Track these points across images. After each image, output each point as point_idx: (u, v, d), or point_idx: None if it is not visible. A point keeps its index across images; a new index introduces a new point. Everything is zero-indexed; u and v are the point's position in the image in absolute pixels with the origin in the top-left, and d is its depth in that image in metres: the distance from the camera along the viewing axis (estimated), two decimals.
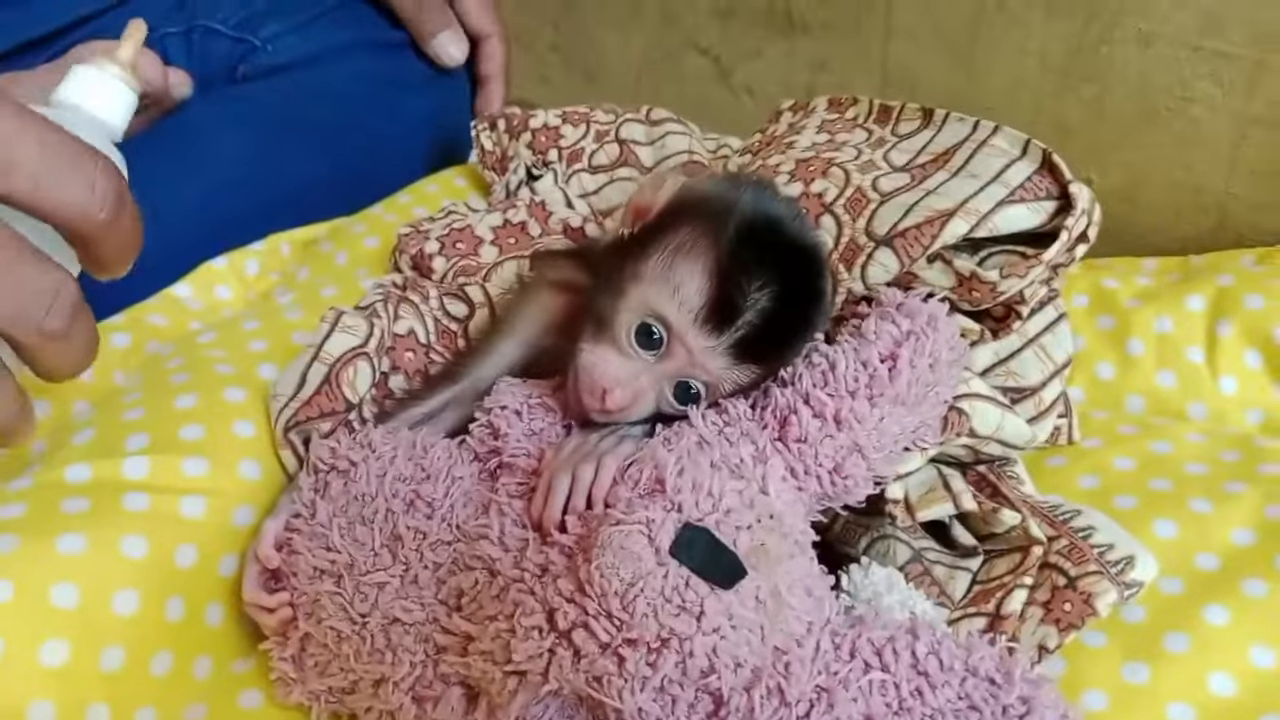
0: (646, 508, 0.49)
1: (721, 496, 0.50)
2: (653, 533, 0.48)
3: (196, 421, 0.63)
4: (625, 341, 0.56)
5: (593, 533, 0.49)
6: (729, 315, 0.54)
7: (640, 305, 0.55)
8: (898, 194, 0.63)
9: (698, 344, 0.54)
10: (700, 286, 0.54)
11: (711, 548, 0.48)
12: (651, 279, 0.55)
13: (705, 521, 0.49)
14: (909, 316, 0.58)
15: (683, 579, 0.47)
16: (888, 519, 0.61)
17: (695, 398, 0.57)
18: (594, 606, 0.47)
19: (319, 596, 0.55)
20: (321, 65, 0.99)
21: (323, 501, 0.57)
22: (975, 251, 0.63)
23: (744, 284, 0.53)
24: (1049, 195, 0.62)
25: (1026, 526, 0.60)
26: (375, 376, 0.65)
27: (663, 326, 0.55)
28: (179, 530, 0.59)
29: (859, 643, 0.52)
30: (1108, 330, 0.80)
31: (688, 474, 0.50)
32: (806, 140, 0.72)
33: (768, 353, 0.56)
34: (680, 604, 0.47)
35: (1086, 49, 1.00)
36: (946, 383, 0.59)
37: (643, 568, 0.47)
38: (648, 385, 0.56)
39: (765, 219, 0.56)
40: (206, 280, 0.85)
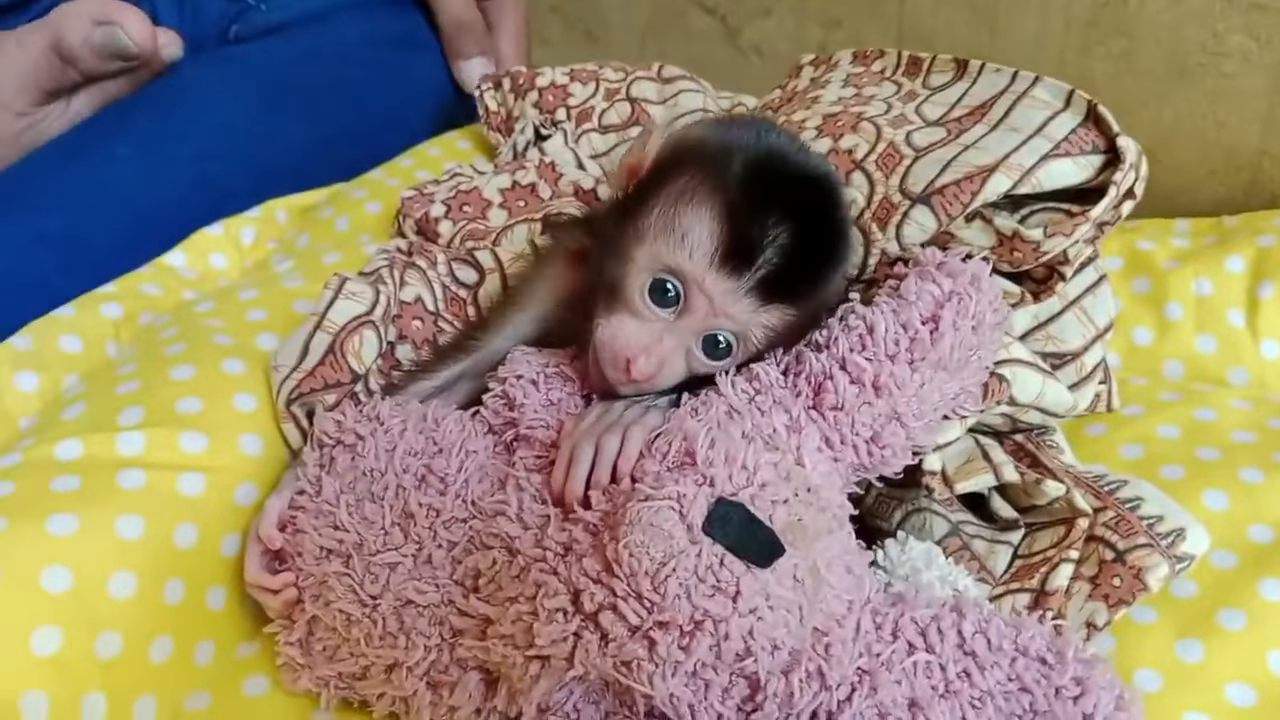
0: (677, 482, 0.46)
1: (756, 469, 0.47)
2: (684, 508, 0.45)
3: (194, 394, 0.60)
4: (641, 304, 0.53)
5: (620, 509, 0.46)
6: (747, 253, 0.50)
7: (649, 262, 0.52)
8: (933, 149, 0.59)
9: (717, 289, 0.51)
10: (711, 230, 0.51)
11: (747, 524, 0.45)
12: (656, 233, 0.52)
13: (739, 496, 0.46)
14: (951, 276, 0.55)
15: (717, 557, 0.44)
16: (923, 491, 0.58)
17: (727, 351, 0.53)
18: (623, 587, 0.44)
19: (326, 578, 0.52)
20: (320, 24, 0.95)
21: (329, 478, 0.54)
22: (1015, 210, 0.59)
23: (758, 219, 0.50)
24: (1095, 149, 0.58)
25: (1071, 498, 0.57)
26: (382, 346, 0.62)
27: (677, 280, 0.52)
28: (177, 508, 0.55)
29: (901, 622, 0.49)
30: (1144, 293, 0.77)
31: (719, 445, 0.47)
32: (832, 94, 0.68)
33: (795, 289, 0.52)
34: (715, 584, 0.44)
35: (1114, 2, 0.96)
36: (989, 346, 0.56)
37: (674, 546, 0.44)
38: (672, 347, 0.53)
39: (769, 152, 0.53)
40: (201, 248, 0.82)
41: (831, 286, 0.54)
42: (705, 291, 0.51)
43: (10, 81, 0.82)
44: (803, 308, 0.53)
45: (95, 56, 0.83)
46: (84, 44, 0.82)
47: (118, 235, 0.82)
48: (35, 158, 0.83)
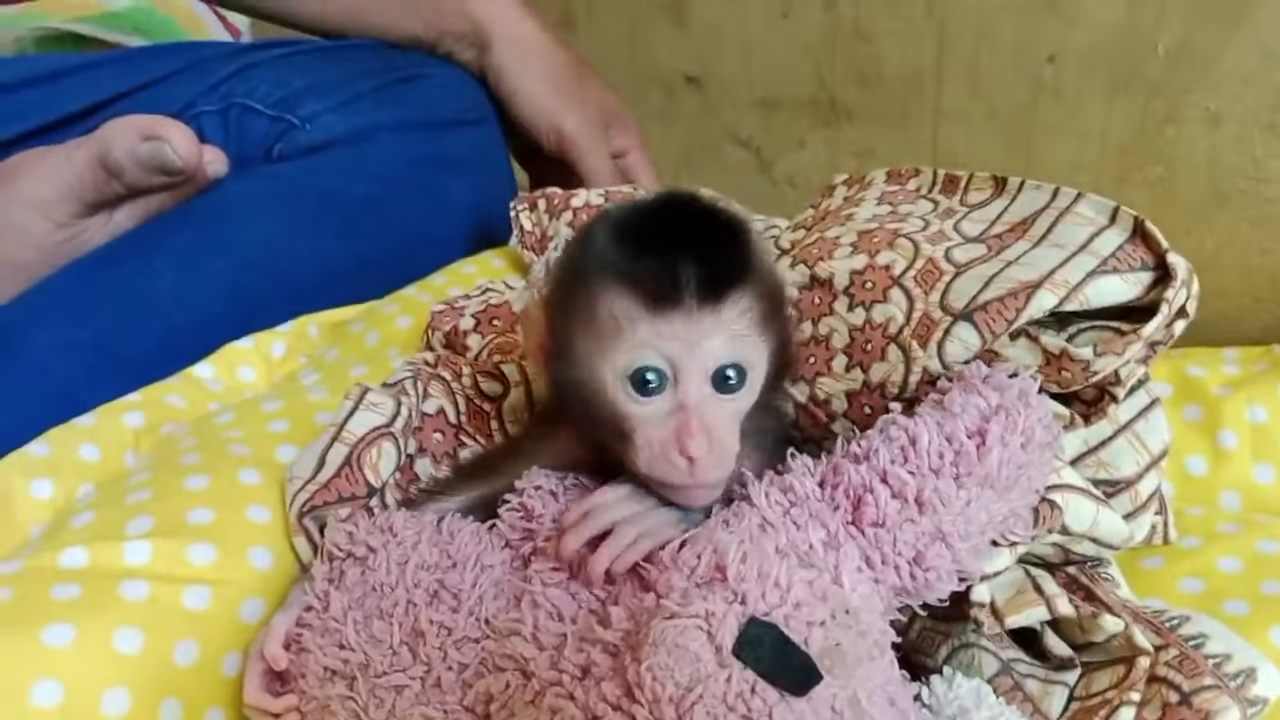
0: (705, 599, 0.43)
1: (790, 587, 0.44)
2: (713, 628, 0.42)
3: (206, 505, 0.58)
4: (642, 409, 0.50)
5: (643, 627, 0.43)
6: (669, 277, 0.48)
7: (612, 371, 0.50)
8: (974, 265, 0.58)
9: (677, 328, 0.48)
10: (626, 295, 0.49)
11: (781, 647, 0.42)
12: (595, 347, 0.50)
13: (773, 616, 0.43)
14: (998, 390, 0.52)
15: (748, 684, 0.41)
16: (971, 625, 0.55)
17: (739, 380, 0.50)
18: (644, 714, 0.41)
19: (329, 701, 0.48)
20: (361, 144, 0.96)
21: (337, 592, 0.51)
22: (1061, 328, 0.57)
23: (648, 249, 0.48)
24: (1144, 265, 0.56)
25: (1130, 634, 0.53)
26: (400, 459, 0.60)
27: (642, 357, 0.49)
28: (180, 623, 0.53)
29: None
30: (1196, 421, 0.74)
31: (751, 560, 0.44)
32: (867, 212, 0.67)
33: (731, 270, 0.49)
34: (745, 713, 0.40)
35: (1150, 130, 0.96)
36: (1038, 466, 0.53)
37: (702, 670, 0.41)
38: (702, 412, 0.49)
39: (611, 209, 0.53)
40: (229, 361, 0.81)
41: (757, 251, 0.51)
42: (670, 340, 0.49)
43: (54, 192, 0.84)
44: (756, 288, 0.50)
45: (140, 170, 0.85)
46: (130, 157, 0.84)
47: (149, 347, 0.82)
48: (71, 269, 0.84)
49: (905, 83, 1.16)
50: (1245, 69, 0.89)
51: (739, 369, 0.50)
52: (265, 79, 0.99)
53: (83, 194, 0.85)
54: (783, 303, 0.53)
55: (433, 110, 1.01)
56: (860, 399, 0.59)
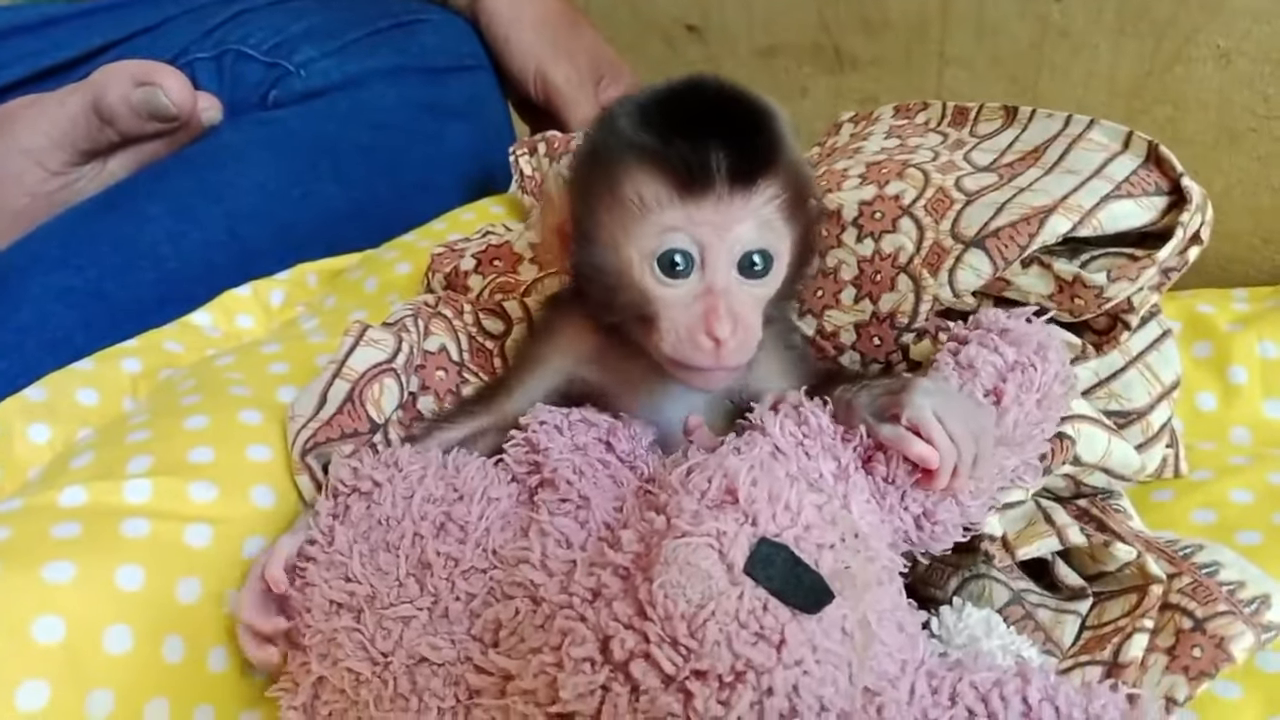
0: (716, 519, 0.42)
1: (800, 510, 0.43)
2: (724, 547, 0.41)
3: (206, 444, 0.57)
4: (668, 291, 0.49)
5: (653, 549, 0.42)
6: (699, 163, 0.47)
7: (639, 252, 0.49)
8: (985, 193, 0.57)
9: (705, 213, 0.48)
10: (655, 177, 0.48)
11: (792, 567, 0.41)
12: (622, 227, 0.49)
13: (783, 537, 0.42)
14: (1015, 345, 0.51)
15: (760, 601, 0.41)
16: (982, 557, 0.54)
17: (766, 266, 0.50)
18: (656, 632, 0.40)
19: (335, 634, 0.48)
20: (357, 90, 0.95)
21: (342, 527, 0.50)
22: (1074, 256, 0.56)
23: (677, 132, 0.47)
24: (1158, 190, 0.55)
25: (1143, 563, 0.52)
26: (403, 396, 0.59)
27: (671, 238, 0.48)
28: (181, 561, 0.52)
29: (960, 687, 0.44)
30: (1206, 358, 0.73)
31: (762, 484, 0.43)
32: (875, 145, 0.66)
33: (760, 158, 0.48)
34: (758, 630, 0.40)
35: (1159, 70, 0.95)
36: (1053, 420, 0.52)
37: (714, 587, 0.40)
38: (729, 295, 0.49)
39: (638, 92, 0.51)
40: (228, 308, 0.80)
41: (786, 138, 0.50)
42: (700, 224, 0.48)
43: (48, 140, 0.82)
44: (784, 175, 0.50)
45: (134, 116, 0.83)
46: (123, 103, 0.82)
47: (144, 294, 0.81)
48: (66, 215, 0.82)
49: (909, 28, 1.14)
50: (1256, 5, 0.87)
51: (765, 255, 0.50)
52: (260, 25, 0.97)
53: (76, 141, 0.84)
54: (808, 192, 0.52)
55: (429, 56, 0.99)
56: (869, 330, 0.58)
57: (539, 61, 1.05)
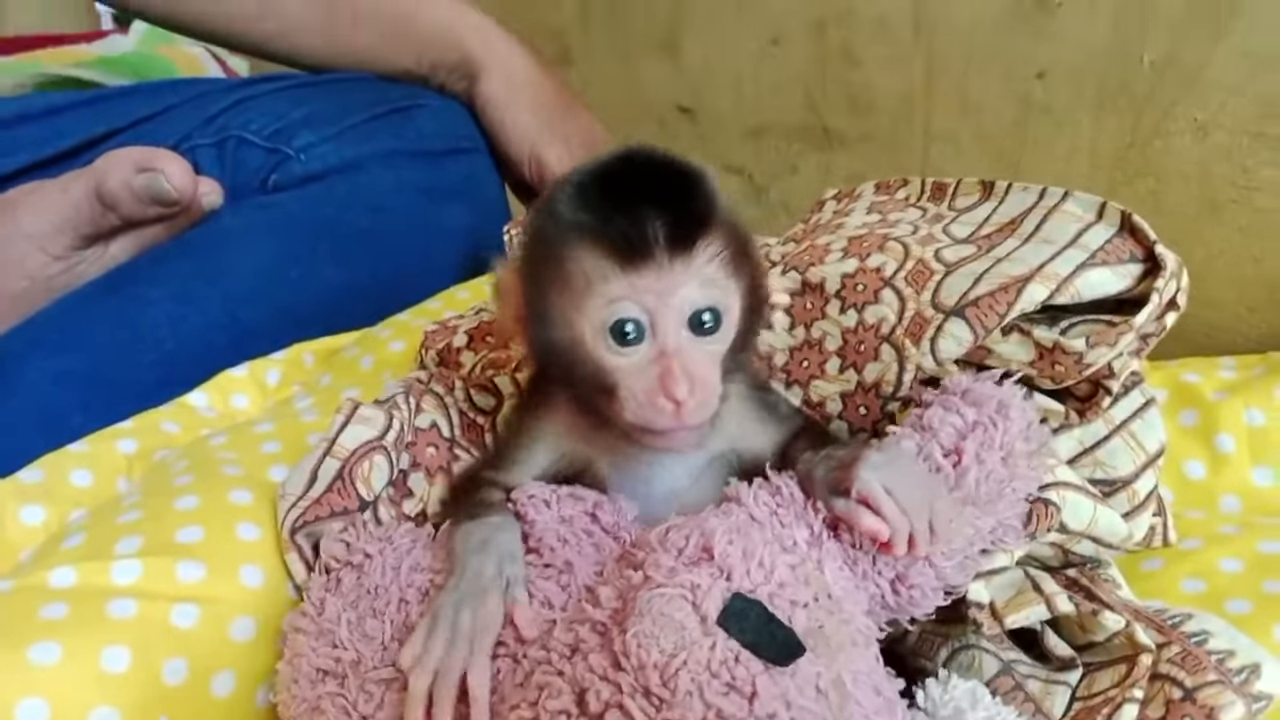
0: (691, 573, 0.43)
1: (774, 569, 0.44)
2: (698, 599, 0.42)
3: (196, 523, 0.57)
4: (624, 360, 0.50)
5: (630, 603, 0.43)
6: (636, 231, 0.48)
7: (588, 326, 0.50)
8: (964, 263, 0.58)
9: (648, 280, 0.49)
10: (596, 251, 0.49)
11: (765, 621, 0.42)
12: (570, 304, 0.51)
13: (757, 593, 0.43)
14: (975, 405, 0.52)
15: (732, 653, 0.41)
16: (971, 627, 0.54)
17: (715, 323, 0.51)
18: (630, 682, 0.40)
19: (320, 700, 0.48)
20: (356, 174, 0.97)
21: (332, 598, 0.51)
22: (1052, 324, 0.57)
23: (614, 204, 0.49)
24: (1133, 258, 0.56)
25: (1131, 632, 0.52)
26: (393, 472, 0.59)
27: (617, 308, 0.50)
28: (168, 641, 0.52)
29: None
30: (1192, 426, 0.73)
31: (738, 543, 0.44)
32: (857, 220, 0.68)
33: (695, 218, 0.50)
34: (729, 681, 0.40)
35: (1139, 143, 0.97)
36: (1024, 478, 0.53)
37: (687, 637, 0.41)
38: (684, 355, 0.50)
39: (575, 170, 0.53)
40: (224, 388, 0.81)
41: (718, 197, 0.52)
42: (645, 292, 0.50)
43: (50, 225, 0.84)
44: (722, 232, 0.51)
45: (136, 201, 0.85)
46: (125, 189, 0.84)
47: (143, 375, 0.82)
48: (66, 299, 0.84)
49: (895, 106, 1.17)
50: (1231, 79, 0.90)
51: (714, 312, 0.51)
52: (261, 111, 0.99)
53: (78, 226, 0.86)
54: (748, 243, 0.54)
55: (426, 140, 1.02)
56: (855, 400, 0.59)
57: (534, 145, 1.08)
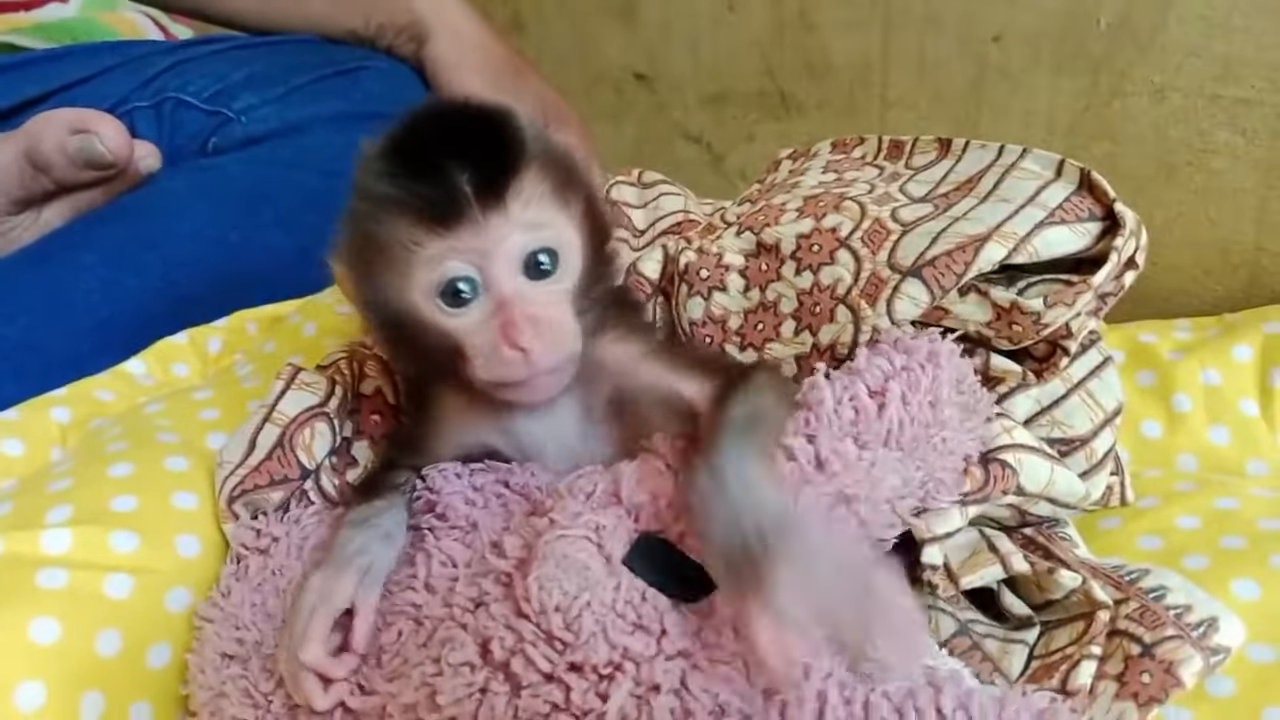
0: (596, 514, 0.42)
1: (685, 510, 0.42)
2: (602, 540, 0.41)
3: (130, 492, 0.55)
4: (462, 321, 0.49)
5: (533, 549, 0.42)
6: (445, 191, 0.46)
7: (422, 293, 0.49)
8: (921, 223, 0.57)
9: (470, 237, 0.47)
10: (409, 220, 0.47)
11: (674, 560, 0.41)
12: (396, 274, 0.49)
13: (667, 534, 0.42)
14: (905, 352, 0.52)
15: (638, 591, 0.40)
16: (926, 588, 0.53)
17: (552, 264, 0.49)
18: (531, 629, 0.40)
19: (224, 684, 0.47)
20: (298, 136, 0.94)
21: (239, 585, 0.50)
22: (1010, 284, 0.56)
23: (418, 165, 0.47)
24: (1091, 216, 0.56)
25: (1088, 589, 0.52)
26: (335, 440, 0.58)
27: (448, 269, 0.48)
28: (100, 612, 0.50)
29: (873, 698, 0.42)
30: (1150, 386, 0.73)
31: (646, 485, 0.43)
32: (812, 180, 0.66)
33: (507, 163, 0.48)
34: (635, 620, 0.39)
35: (1096, 106, 0.96)
36: (955, 428, 0.51)
37: (590, 578, 0.40)
38: (521, 301, 0.48)
39: (373, 142, 0.50)
40: (163, 356, 0.78)
41: (525, 133, 0.50)
42: (465, 251, 0.48)
43: None
44: (537, 170, 0.49)
45: (70, 165, 0.82)
46: (59, 152, 0.81)
47: (77, 344, 0.79)
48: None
49: (852, 72, 1.15)
50: (1187, 41, 0.89)
51: (548, 251, 0.49)
52: (200, 73, 0.96)
53: (9, 190, 0.82)
54: (572, 169, 0.52)
55: (374, 102, 0.98)
56: (810, 362, 0.58)
57: None
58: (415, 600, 0.46)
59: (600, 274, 0.53)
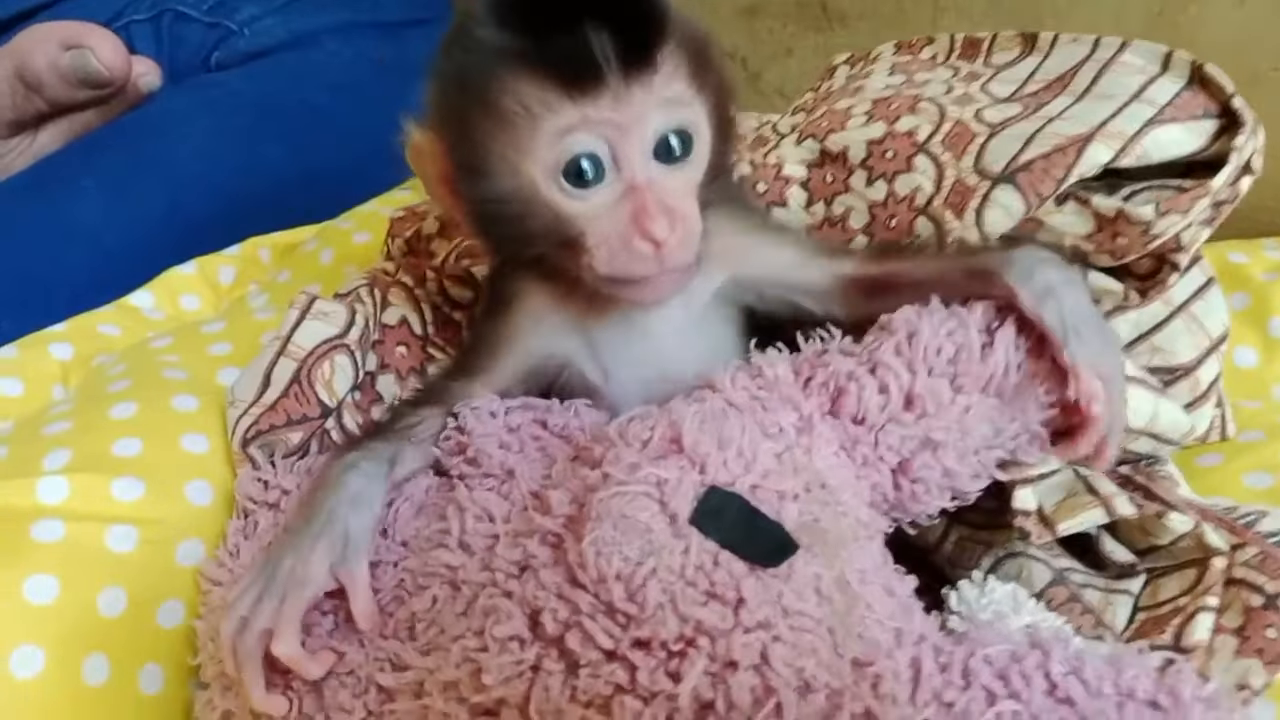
0: (657, 467, 0.37)
1: (756, 457, 0.38)
2: (666, 496, 0.36)
3: (133, 435, 0.51)
4: (587, 203, 0.43)
5: (586, 507, 0.37)
6: (582, 51, 0.40)
7: (541, 169, 0.42)
8: (1011, 124, 0.50)
9: (609, 109, 0.41)
10: (535, 79, 0.41)
11: (747, 517, 0.36)
12: (511, 145, 0.42)
13: (736, 486, 0.37)
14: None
15: (710, 555, 0.35)
16: (1017, 535, 0.48)
17: (685, 147, 0.43)
18: (589, 600, 0.35)
19: None
20: (307, 49, 0.88)
21: (247, 543, 0.45)
22: (1111, 192, 0.50)
23: (552, 25, 0.40)
24: (1206, 114, 0.49)
25: (1201, 533, 0.46)
26: (358, 375, 0.52)
27: (575, 143, 0.42)
28: (103, 568, 0.46)
29: (973, 664, 0.37)
30: (1243, 310, 0.67)
31: (710, 430, 0.38)
32: (879, 83, 0.60)
33: (648, 31, 0.41)
34: (708, 588, 0.35)
35: (1171, 10, 0.88)
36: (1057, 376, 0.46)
37: (654, 541, 0.35)
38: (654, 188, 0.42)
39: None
40: (171, 288, 0.73)
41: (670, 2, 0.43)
42: (601, 123, 0.41)
43: None
44: (681, 43, 0.43)
45: (63, 83, 0.77)
46: (51, 69, 0.75)
47: (77, 275, 0.74)
48: None
49: None
50: None
51: (683, 135, 0.43)
52: None
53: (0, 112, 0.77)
54: (708, 48, 0.46)
55: (382, 10, 0.92)
56: None
57: None
58: (450, 561, 0.40)
59: (722, 167, 0.47)
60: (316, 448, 0.50)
